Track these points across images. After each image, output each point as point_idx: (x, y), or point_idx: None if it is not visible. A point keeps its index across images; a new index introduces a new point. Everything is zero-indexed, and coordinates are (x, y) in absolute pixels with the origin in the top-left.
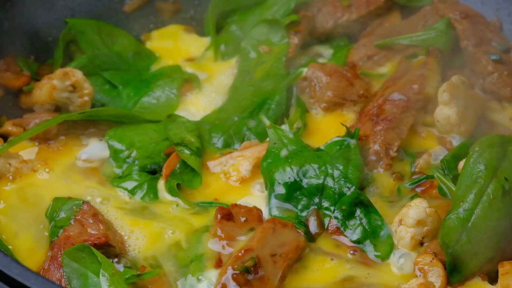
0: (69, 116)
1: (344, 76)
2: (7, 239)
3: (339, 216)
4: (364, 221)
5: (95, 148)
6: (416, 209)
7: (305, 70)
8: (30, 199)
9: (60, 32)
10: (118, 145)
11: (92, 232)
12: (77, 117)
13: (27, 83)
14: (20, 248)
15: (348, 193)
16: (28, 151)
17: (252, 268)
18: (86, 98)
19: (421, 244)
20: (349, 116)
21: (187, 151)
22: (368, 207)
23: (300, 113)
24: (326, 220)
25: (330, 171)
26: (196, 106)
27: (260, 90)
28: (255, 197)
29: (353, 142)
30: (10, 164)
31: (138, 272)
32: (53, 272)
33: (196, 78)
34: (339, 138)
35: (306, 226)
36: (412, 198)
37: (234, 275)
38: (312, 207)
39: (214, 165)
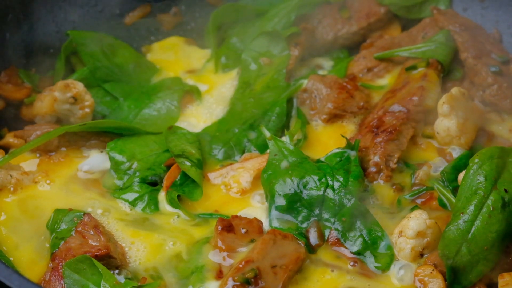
0: (70, 128)
1: (344, 88)
2: (8, 250)
3: (339, 228)
4: (364, 232)
5: (96, 160)
6: (416, 221)
7: (305, 82)
8: (31, 210)
9: (61, 44)
10: (119, 157)
11: (93, 243)
12: (78, 128)
13: (29, 95)
14: (21, 260)
15: (349, 204)
16: (29, 163)
17: (252, 280)
18: (87, 110)
19: (421, 255)
20: (349, 128)
21: (187, 163)
22: (368, 219)
23: (300, 124)
24: (327, 232)
25: (330, 182)
26: (197, 118)
27: (260, 102)
28: (256, 208)
29: (353, 153)
30: (11, 176)
31: (139, 284)
32: (54, 284)
33: (196, 90)
34: (339, 150)
35: (306, 237)
36: (412, 209)
37: (235, 287)
38: (312, 219)
39: (215, 176)
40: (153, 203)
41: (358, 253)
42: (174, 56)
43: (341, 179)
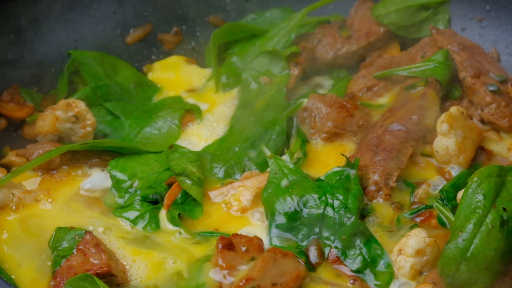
0: (72, 146)
1: (344, 107)
2: (10, 268)
3: (339, 246)
4: (364, 250)
5: (97, 178)
6: (416, 239)
7: (305, 101)
8: (33, 229)
9: (63, 64)
10: (120, 175)
11: (95, 261)
12: (80, 147)
13: (31, 114)
14: (23, 278)
15: (348, 223)
16: (31, 181)
17: None
18: (88, 128)
19: (421, 273)
20: (349, 146)
21: (188, 181)
22: (368, 237)
23: (300, 143)
24: (326, 250)
25: (330, 201)
26: (198, 137)
27: (261, 121)
28: (256, 226)
29: (353, 172)
30: (13, 194)
31: None
32: None
33: (197, 109)
34: (339, 168)
35: (306, 255)
36: (411, 228)
37: None
38: (312, 237)
39: (215, 195)
40: (154, 221)
41: (358, 271)
42: (175, 75)
43: (341, 197)
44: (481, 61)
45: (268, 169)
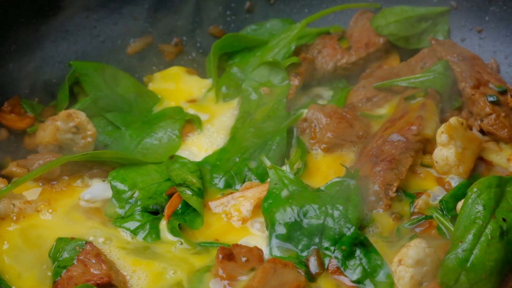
0: (72, 157)
1: (343, 118)
2: (11, 279)
3: (339, 256)
4: (364, 261)
5: (98, 189)
6: (416, 249)
7: (305, 111)
8: (33, 239)
9: (64, 74)
10: (120, 186)
11: (95, 272)
12: (80, 158)
13: (31, 125)
14: None
15: (348, 233)
16: (31, 192)
17: None
18: (89, 139)
19: (421, 284)
20: (348, 157)
21: (189, 192)
22: (368, 247)
23: (300, 154)
24: (326, 260)
25: (330, 211)
26: (198, 147)
27: (261, 131)
28: (256, 237)
29: (352, 182)
30: (14, 205)
31: None
32: None
33: (197, 119)
34: (339, 179)
35: (306, 266)
36: (411, 238)
37: None
38: (312, 247)
39: (216, 205)
40: (155, 231)
41: (358, 281)
42: (175, 86)
43: (340, 208)
44: (481, 71)
45: (268, 180)
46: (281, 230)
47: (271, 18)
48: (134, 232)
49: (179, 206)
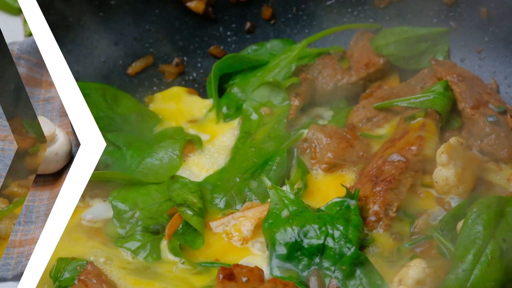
0: None
1: (344, 138)
2: None
3: (340, 276)
4: (364, 281)
5: (99, 209)
6: (416, 269)
7: (305, 131)
8: None
9: None
10: (121, 206)
11: None
12: None
13: (33, 145)
14: None
15: (348, 253)
16: None
17: None
18: None
19: None
20: (349, 177)
21: (189, 212)
22: (368, 267)
23: (300, 174)
24: (327, 280)
25: (330, 231)
26: (199, 167)
27: (261, 152)
28: (257, 257)
29: (353, 202)
30: (15, 225)
31: None
32: None
33: (198, 140)
34: (339, 199)
35: (307, 286)
36: (411, 258)
37: None
38: (313, 267)
39: (216, 225)
40: (155, 251)
41: None
42: (176, 106)
43: (341, 228)
44: (480, 92)
45: (269, 200)
46: (281, 250)
47: (271, 39)
48: (135, 252)
49: (180, 226)
